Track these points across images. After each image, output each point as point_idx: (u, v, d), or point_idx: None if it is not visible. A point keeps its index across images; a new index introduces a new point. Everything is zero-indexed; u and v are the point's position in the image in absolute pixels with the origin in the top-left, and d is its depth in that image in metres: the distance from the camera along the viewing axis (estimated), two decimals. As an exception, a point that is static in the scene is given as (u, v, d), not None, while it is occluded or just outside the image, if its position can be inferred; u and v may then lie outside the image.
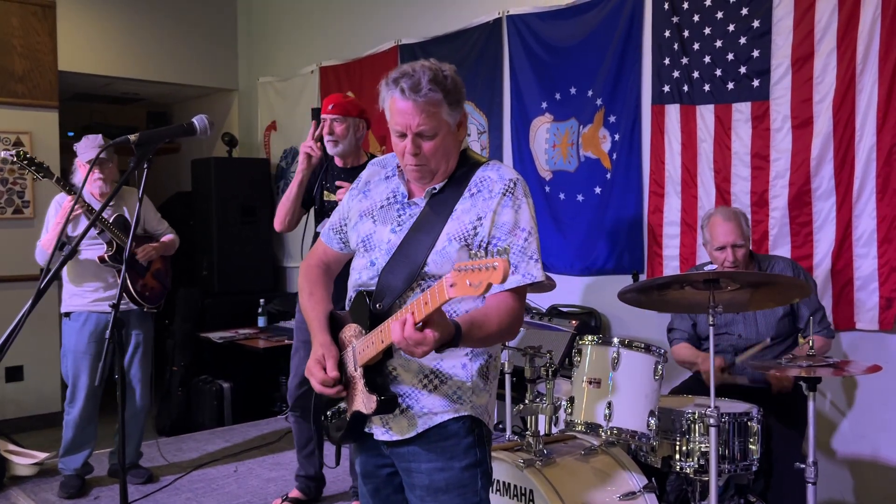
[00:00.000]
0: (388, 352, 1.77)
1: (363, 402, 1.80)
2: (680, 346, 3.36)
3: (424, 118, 1.77)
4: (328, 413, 1.97)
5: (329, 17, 5.88)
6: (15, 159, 3.69)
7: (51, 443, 4.02)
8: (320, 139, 3.38)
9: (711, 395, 2.63)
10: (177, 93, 6.93)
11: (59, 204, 3.84)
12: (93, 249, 3.77)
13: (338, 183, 3.32)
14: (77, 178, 3.86)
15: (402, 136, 1.81)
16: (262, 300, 5.82)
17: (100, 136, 3.90)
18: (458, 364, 1.85)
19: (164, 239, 4.09)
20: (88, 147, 3.81)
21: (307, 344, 3.42)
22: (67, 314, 3.90)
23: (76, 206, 3.59)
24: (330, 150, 3.41)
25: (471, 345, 1.77)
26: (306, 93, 5.94)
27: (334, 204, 3.34)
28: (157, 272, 4.04)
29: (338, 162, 3.48)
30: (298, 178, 3.38)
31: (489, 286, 1.42)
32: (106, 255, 3.76)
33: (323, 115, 3.38)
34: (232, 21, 6.67)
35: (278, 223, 3.49)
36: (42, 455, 4.19)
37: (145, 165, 1.94)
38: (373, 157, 3.48)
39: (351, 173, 3.41)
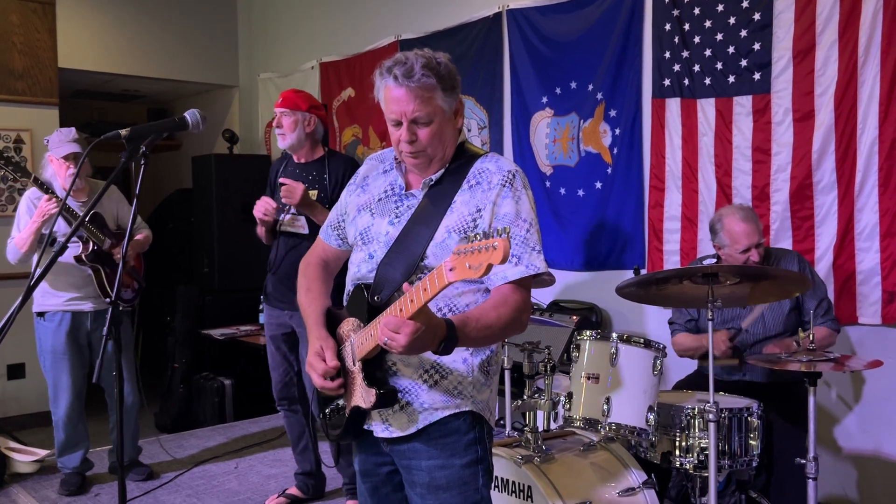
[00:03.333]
0: None
1: (362, 396, 1.78)
2: (679, 336, 3.35)
3: (419, 104, 1.76)
4: (326, 411, 1.95)
5: (329, 13, 5.87)
6: None
7: (52, 440, 4.01)
8: (278, 203, 3.36)
9: (710, 390, 2.61)
10: (177, 89, 6.92)
11: (31, 200, 3.72)
12: (69, 248, 3.64)
13: (281, 180, 3.30)
14: (48, 174, 3.72)
15: (398, 124, 1.80)
16: (262, 297, 5.80)
17: (73, 129, 3.78)
18: (459, 359, 1.83)
19: (138, 236, 3.99)
20: (62, 141, 3.68)
21: (273, 339, 3.54)
22: (41, 314, 3.81)
23: (54, 206, 3.48)
24: (279, 143, 3.43)
25: (473, 343, 1.74)
26: (307, 88, 5.89)
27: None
28: (133, 270, 3.99)
29: (295, 158, 3.49)
30: (261, 228, 3.44)
31: (489, 267, 1.39)
32: (83, 255, 3.69)
33: (274, 109, 3.42)
34: (232, 17, 6.66)
35: (266, 241, 3.56)
36: (43, 452, 4.19)
37: (142, 161, 1.91)
38: (331, 151, 3.53)
39: (306, 168, 3.45)
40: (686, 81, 3.78)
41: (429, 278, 1.51)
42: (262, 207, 3.35)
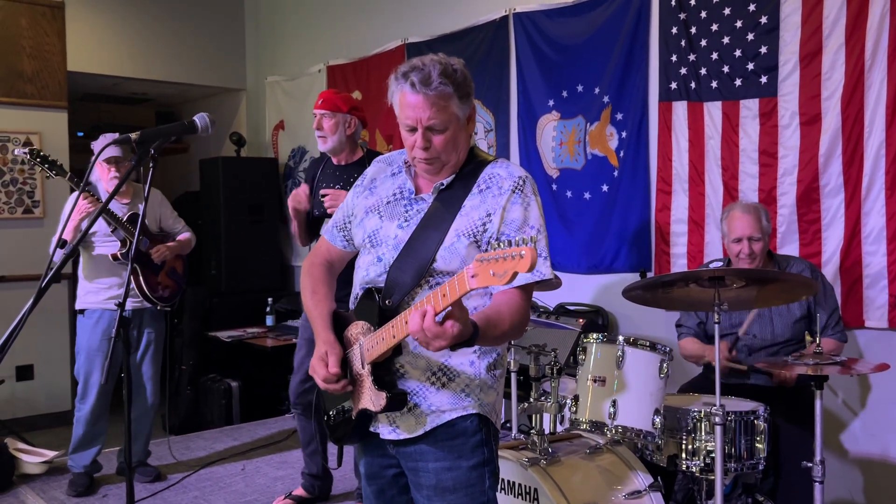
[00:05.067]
0: (398, 349, 1.76)
1: (371, 399, 1.79)
2: (686, 341, 3.35)
3: (435, 112, 1.76)
4: (331, 413, 1.95)
5: (336, 16, 5.89)
6: (28, 157, 3.69)
7: (61, 441, 4.04)
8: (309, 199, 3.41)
9: (717, 393, 2.61)
10: (185, 93, 6.95)
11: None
12: (107, 247, 3.79)
13: (322, 192, 3.31)
14: (94, 176, 3.86)
15: (413, 130, 1.80)
16: (269, 299, 5.83)
17: (116, 134, 3.90)
18: (467, 361, 1.84)
19: (179, 238, 4.09)
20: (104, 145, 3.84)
21: (310, 342, 3.46)
22: (82, 311, 3.91)
23: (88, 204, 3.60)
24: (320, 146, 3.42)
25: (485, 343, 1.75)
26: (314, 92, 5.91)
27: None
28: (172, 270, 4.04)
29: (335, 160, 3.48)
30: (294, 222, 3.45)
31: (515, 275, 1.39)
32: (119, 253, 3.77)
33: (314, 111, 3.41)
34: (239, 21, 6.68)
35: (301, 243, 3.61)
36: (51, 453, 4.21)
37: (151, 164, 1.94)
38: (371, 151, 3.49)
39: (346, 170, 3.43)
40: (692, 85, 3.78)
41: (448, 284, 1.51)
42: (293, 198, 3.37)
